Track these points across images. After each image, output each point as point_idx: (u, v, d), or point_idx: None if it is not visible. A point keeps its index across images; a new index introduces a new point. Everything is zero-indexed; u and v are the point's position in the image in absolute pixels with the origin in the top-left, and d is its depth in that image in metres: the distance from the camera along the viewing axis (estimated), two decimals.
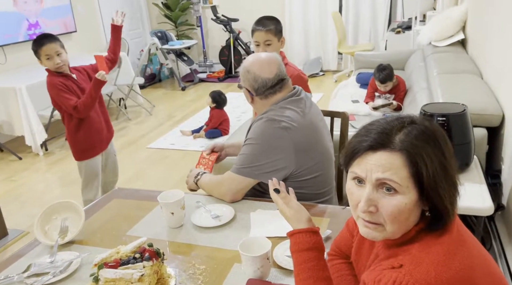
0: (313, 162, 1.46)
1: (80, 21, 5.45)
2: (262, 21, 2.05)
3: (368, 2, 5.78)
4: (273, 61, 1.47)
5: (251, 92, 1.49)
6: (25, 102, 3.78)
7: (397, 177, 0.72)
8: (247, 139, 1.48)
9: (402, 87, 3.11)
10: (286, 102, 1.47)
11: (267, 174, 1.41)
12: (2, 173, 3.68)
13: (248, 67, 1.47)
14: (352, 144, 0.78)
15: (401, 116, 0.79)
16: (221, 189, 1.46)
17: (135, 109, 5.35)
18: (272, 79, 1.45)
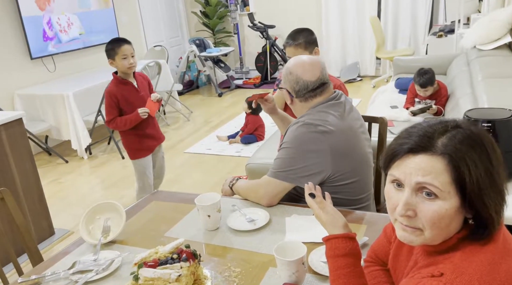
0: (350, 167, 1.44)
1: (123, 30, 5.68)
2: (292, 35, 2.05)
3: (408, 6, 5.65)
4: (316, 64, 1.47)
5: (291, 93, 1.49)
6: (72, 108, 3.98)
7: (438, 182, 0.70)
8: (282, 143, 1.48)
9: (443, 93, 3.00)
10: (324, 106, 1.46)
11: (303, 178, 1.41)
12: (50, 176, 3.88)
13: (291, 68, 1.48)
14: (392, 146, 0.76)
15: (445, 119, 0.77)
16: (258, 193, 1.47)
17: (173, 115, 5.49)
18: (314, 82, 1.45)
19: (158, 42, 6.31)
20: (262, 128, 4.22)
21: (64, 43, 4.70)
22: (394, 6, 5.76)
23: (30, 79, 4.45)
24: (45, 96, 4.06)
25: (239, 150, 4.05)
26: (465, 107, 2.44)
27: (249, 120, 4.18)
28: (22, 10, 4.21)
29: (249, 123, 4.18)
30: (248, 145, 4.13)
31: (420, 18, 5.65)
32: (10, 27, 4.23)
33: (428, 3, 5.53)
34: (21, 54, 4.35)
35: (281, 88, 1.53)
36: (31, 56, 4.36)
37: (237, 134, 4.29)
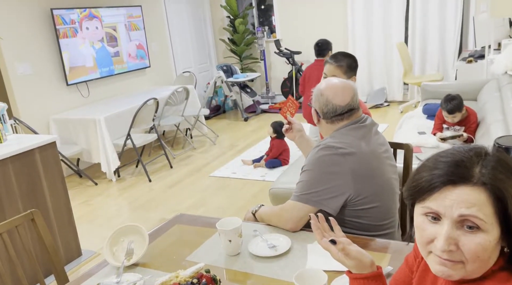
0: (372, 191, 1.43)
1: (154, 57, 5.90)
2: (336, 56, 2.11)
3: (436, 32, 5.61)
4: (348, 89, 1.48)
5: (319, 114, 1.52)
6: (103, 132, 4.12)
7: (482, 214, 0.67)
8: (304, 166, 1.49)
9: (473, 119, 2.93)
10: (348, 129, 1.47)
11: (326, 201, 1.40)
12: (80, 197, 4.00)
13: (322, 90, 1.50)
14: (425, 178, 0.72)
15: (474, 146, 0.74)
16: (283, 217, 1.46)
17: (200, 138, 5.58)
18: (343, 107, 1.47)
19: (187, 68, 6.51)
20: (287, 153, 4.22)
21: (97, 70, 4.92)
22: (422, 31, 5.74)
23: (65, 104, 4.67)
24: (78, 120, 4.23)
25: (264, 174, 4.05)
26: (496, 134, 2.37)
27: (274, 144, 4.20)
28: (61, 42, 4.46)
29: (274, 147, 4.19)
30: (272, 170, 4.13)
31: (449, 43, 5.60)
32: (49, 55, 4.48)
33: (457, 28, 5.48)
34: (58, 81, 4.58)
35: (310, 106, 1.57)
36: (67, 83, 4.58)
37: (262, 158, 4.30)
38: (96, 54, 4.90)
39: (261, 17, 7.14)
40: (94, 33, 4.86)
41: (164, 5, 6.05)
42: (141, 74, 5.69)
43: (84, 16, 4.71)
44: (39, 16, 4.36)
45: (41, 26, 4.39)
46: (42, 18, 4.39)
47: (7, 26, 4.08)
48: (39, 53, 4.38)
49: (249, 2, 7.05)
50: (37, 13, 4.34)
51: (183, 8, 6.47)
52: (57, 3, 4.54)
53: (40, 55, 4.39)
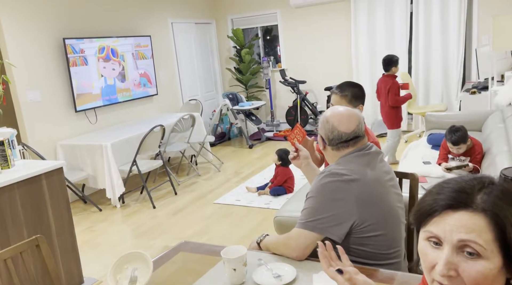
0: (376, 219, 1.42)
1: (161, 85, 6.01)
2: (342, 86, 2.15)
3: (440, 63, 5.70)
4: (353, 117, 1.51)
5: (325, 140, 1.54)
6: (109, 158, 4.15)
7: (481, 240, 0.67)
8: (308, 193, 1.49)
9: (478, 150, 2.93)
10: (353, 156, 1.49)
11: (331, 229, 1.40)
12: (84, 223, 3.99)
13: (328, 117, 1.53)
14: (427, 202, 0.74)
15: (479, 176, 0.75)
16: (289, 245, 1.45)
17: (205, 165, 5.60)
18: (348, 134, 1.49)
19: (193, 96, 6.61)
20: (292, 180, 4.22)
21: (105, 97, 5.01)
22: (425, 63, 5.82)
23: (72, 130, 4.73)
24: (85, 146, 4.28)
25: (268, 202, 4.04)
26: (502, 164, 2.37)
27: (278, 172, 4.20)
28: (71, 70, 4.58)
29: (278, 174, 4.19)
30: (277, 197, 4.12)
31: (452, 74, 5.67)
32: (59, 83, 4.58)
33: (459, 60, 5.57)
34: (67, 107, 4.67)
35: (316, 134, 1.60)
36: (76, 109, 4.66)
37: (267, 185, 4.30)
38: (104, 82, 5.01)
39: (267, 47, 7.30)
40: (105, 63, 4.98)
41: (172, 34, 6.22)
42: (149, 101, 5.78)
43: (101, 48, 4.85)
44: (52, 45, 4.50)
45: (53, 54, 4.51)
46: (54, 47, 4.52)
47: (21, 54, 4.21)
48: (50, 80, 4.49)
49: (255, 33, 7.23)
50: (50, 43, 4.48)
51: (191, 38, 6.64)
52: (69, 33, 4.68)
53: (50, 82, 4.49)
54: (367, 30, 6.02)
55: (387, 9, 5.84)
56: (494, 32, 3.89)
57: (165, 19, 6.08)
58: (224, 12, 7.12)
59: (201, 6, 6.87)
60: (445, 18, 5.55)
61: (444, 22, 5.56)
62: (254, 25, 7.04)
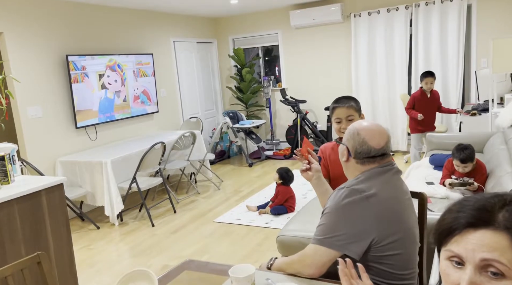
0: (395, 237, 1.39)
1: (162, 103, 6.02)
2: (341, 99, 2.10)
3: (439, 85, 5.74)
4: (384, 134, 1.48)
5: (351, 152, 1.49)
6: (108, 175, 4.11)
7: (505, 259, 0.65)
8: (326, 208, 1.44)
9: (482, 170, 2.92)
10: (374, 172, 1.45)
11: (350, 245, 1.35)
12: (81, 242, 3.92)
13: (360, 130, 1.48)
14: (447, 221, 0.72)
15: (499, 193, 0.74)
16: (305, 263, 1.40)
17: (204, 183, 5.56)
18: (377, 150, 1.45)
19: (194, 114, 6.62)
20: (293, 199, 4.18)
21: (106, 114, 5.01)
22: None
23: (72, 147, 4.71)
24: (84, 162, 4.24)
25: (269, 221, 3.99)
26: (507, 186, 2.36)
27: (279, 191, 4.17)
28: (73, 87, 4.59)
29: (279, 193, 4.16)
30: (278, 216, 4.07)
31: (452, 96, 5.71)
32: (60, 99, 4.58)
33: (459, 82, 5.62)
34: (67, 123, 4.65)
35: (338, 143, 1.54)
36: (76, 126, 4.65)
37: (267, 204, 4.26)
38: (104, 99, 5.02)
39: (267, 67, 7.36)
40: (110, 72, 5.00)
41: (174, 53, 6.28)
42: (149, 118, 5.78)
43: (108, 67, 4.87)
44: (54, 62, 4.52)
45: (55, 71, 4.53)
46: (57, 63, 4.54)
47: (23, 70, 4.22)
48: (51, 96, 4.49)
49: (256, 53, 7.31)
50: (53, 59, 4.50)
51: (193, 56, 6.70)
52: (72, 50, 4.71)
53: (51, 98, 4.49)
54: (367, 52, 6.10)
55: (387, 31, 5.93)
56: (494, 55, 3.94)
57: (167, 37, 6.14)
58: (226, 32, 7.21)
59: (203, 26, 6.96)
60: (444, 40, 5.63)
61: (443, 44, 5.64)
62: (255, 45, 7.13)
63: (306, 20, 6.32)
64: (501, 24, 5.36)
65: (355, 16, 6.08)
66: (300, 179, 5.26)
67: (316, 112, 6.77)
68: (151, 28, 5.86)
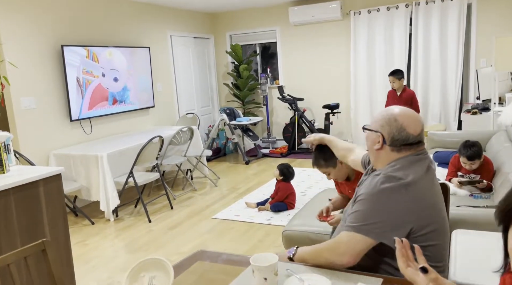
0: (432, 227, 1.33)
1: (158, 97, 5.91)
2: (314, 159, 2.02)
3: (438, 84, 5.74)
4: (420, 121, 1.42)
5: (386, 140, 1.40)
6: (104, 169, 4.00)
7: None
8: (360, 194, 1.37)
9: (490, 167, 2.89)
10: (410, 159, 1.38)
11: (388, 233, 1.29)
12: (76, 237, 3.79)
13: (397, 116, 1.40)
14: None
15: None
16: (338, 250, 1.33)
17: (201, 180, 5.46)
18: (415, 137, 1.38)
19: (190, 110, 6.52)
20: (293, 196, 4.11)
21: (101, 107, 4.89)
22: (424, 84, 5.87)
23: (67, 140, 4.58)
24: (79, 156, 4.12)
25: (269, 217, 3.91)
26: None
27: (280, 187, 4.09)
28: (68, 79, 4.46)
29: (280, 190, 4.08)
30: (278, 213, 4.00)
31: (451, 95, 5.71)
32: (55, 91, 4.45)
33: (458, 81, 5.62)
34: (62, 116, 4.52)
35: (374, 131, 1.43)
36: (71, 118, 4.52)
37: (267, 201, 4.18)
38: (100, 92, 4.90)
39: (265, 64, 7.30)
40: (101, 72, 4.88)
41: (171, 47, 6.17)
42: (145, 113, 5.67)
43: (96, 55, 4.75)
44: (49, 52, 4.39)
45: (50, 61, 4.40)
46: (52, 54, 4.41)
47: (17, 59, 4.08)
48: (45, 88, 4.36)
49: (254, 50, 7.24)
50: (47, 49, 4.37)
51: (190, 52, 6.60)
52: (68, 40, 4.59)
53: (46, 90, 4.36)
54: (366, 50, 6.07)
55: (386, 29, 5.91)
56: (497, 53, 3.93)
57: (164, 31, 6.04)
58: (223, 28, 7.13)
59: (200, 21, 6.87)
60: (443, 40, 5.63)
61: (443, 43, 5.64)
62: (252, 42, 7.05)
63: (305, 17, 6.27)
64: (501, 24, 5.37)
65: (354, 13, 6.05)
66: (299, 176, 5.20)
67: (314, 110, 6.72)
68: (149, 21, 5.75)
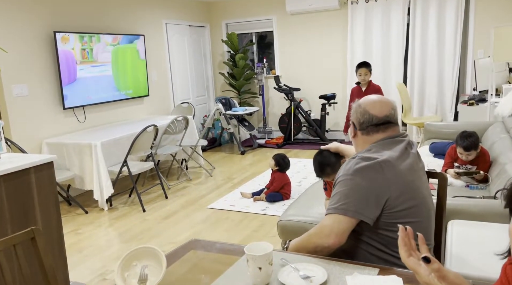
0: (410, 203, 1.36)
1: (153, 85, 5.84)
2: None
3: (435, 76, 5.72)
4: (386, 103, 1.48)
5: (356, 126, 1.50)
6: (98, 158, 3.95)
7: None
8: (338, 177, 1.42)
9: (486, 158, 2.87)
10: (385, 142, 1.44)
11: (364, 210, 1.33)
12: (69, 226, 3.76)
13: (361, 102, 1.51)
14: None
15: None
16: (323, 233, 1.35)
17: (195, 170, 5.43)
18: (379, 118, 1.45)
19: (185, 99, 6.46)
20: (289, 186, 4.09)
21: (95, 95, 4.82)
22: (420, 74, 5.84)
23: (60, 128, 4.51)
24: (73, 144, 4.07)
25: (264, 208, 3.90)
26: None
27: (275, 178, 4.07)
28: (61, 66, 4.38)
29: (275, 180, 4.06)
30: (273, 203, 3.98)
31: (447, 87, 5.69)
32: (48, 78, 4.38)
33: (455, 73, 5.59)
34: (55, 104, 4.45)
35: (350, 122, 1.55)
36: (64, 106, 4.45)
37: (262, 191, 4.16)
38: (94, 80, 4.82)
39: (261, 54, 7.23)
40: (94, 58, 4.80)
41: (166, 35, 6.09)
42: (139, 102, 5.60)
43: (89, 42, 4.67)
44: (41, 38, 4.30)
45: (42, 48, 4.31)
46: (44, 40, 4.33)
47: (8, 46, 4.00)
48: (38, 75, 4.28)
49: (250, 39, 7.16)
50: (39, 36, 4.29)
51: (185, 40, 6.51)
52: (60, 26, 4.50)
53: (38, 77, 4.29)
54: (363, 40, 6.02)
55: (384, 19, 5.85)
56: (495, 44, 3.90)
57: (159, 19, 5.95)
58: (219, 17, 7.04)
59: (196, 9, 6.77)
60: (441, 31, 5.59)
61: (441, 34, 5.60)
62: (248, 31, 6.98)
63: (302, 5, 6.19)
64: (500, 14, 5.33)
65: (352, 3, 5.98)
66: (295, 167, 5.18)
67: (310, 100, 6.69)
68: (143, 8, 5.66)
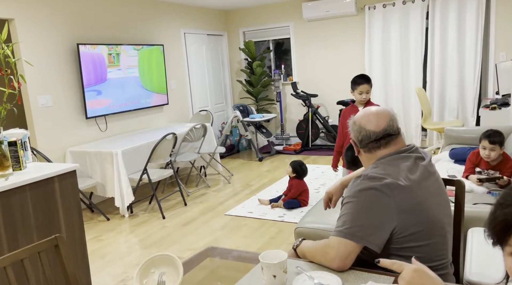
0: (418, 228, 1.30)
1: (172, 94, 5.95)
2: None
3: (455, 79, 5.62)
4: (382, 115, 1.41)
5: (357, 144, 1.46)
6: (119, 166, 4.04)
7: None
8: (344, 198, 1.38)
9: (510, 164, 2.80)
10: (390, 159, 1.38)
11: (370, 237, 1.28)
12: (91, 233, 3.85)
13: (355, 118, 1.46)
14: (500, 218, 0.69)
15: None
16: (329, 255, 1.33)
17: (214, 177, 5.48)
18: (377, 133, 1.40)
19: (203, 107, 6.54)
20: (306, 193, 4.09)
21: (116, 105, 4.94)
22: (440, 79, 5.75)
23: (82, 137, 4.64)
24: (95, 153, 4.18)
25: (282, 214, 3.90)
26: None
27: (293, 184, 4.08)
28: (84, 76, 4.52)
29: (293, 187, 4.07)
30: (291, 210, 3.98)
31: (469, 90, 5.58)
32: (71, 89, 4.52)
33: (476, 76, 5.49)
34: (78, 114, 4.59)
35: None
36: (86, 116, 4.58)
37: (280, 198, 4.17)
38: (116, 89, 4.95)
39: (278, 60, 7.26)
40: (115, 72, 4.93)
41: (185, 45, 6.19)
42: (159, 110, 5.71)
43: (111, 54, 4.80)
44: (65, 50, 4.45)
45: (66, 60, 4.46)
46: (68, 52, 4.47)
47: (33, 58, 4.15)
48: (62, 86, 4.43)
49: (267, 46, 7.21)
50: (63, 48, 4.43)
51: (203, 49, 6.61)
52: (83, 39, 4.64)
53: (62, 88, 4.43)
54: (381, 45, 5.98)
55: (402, 24, 5.80)
56: None
57: (177, 29, 6.06)
58: (236, 25, 7.12)
59: (214, 18, 6.87)
60: (461, 34, 5.50)
61: (461, 38, 5.51)
62: (266, 38, 7.03)
63: (319, 12, 6.21)
64: None
65: (369, 8, 5.96)
66: (313, 173, 5.16)
67: (328, 106, 6.67)
68: (162, 19, 5.78)
